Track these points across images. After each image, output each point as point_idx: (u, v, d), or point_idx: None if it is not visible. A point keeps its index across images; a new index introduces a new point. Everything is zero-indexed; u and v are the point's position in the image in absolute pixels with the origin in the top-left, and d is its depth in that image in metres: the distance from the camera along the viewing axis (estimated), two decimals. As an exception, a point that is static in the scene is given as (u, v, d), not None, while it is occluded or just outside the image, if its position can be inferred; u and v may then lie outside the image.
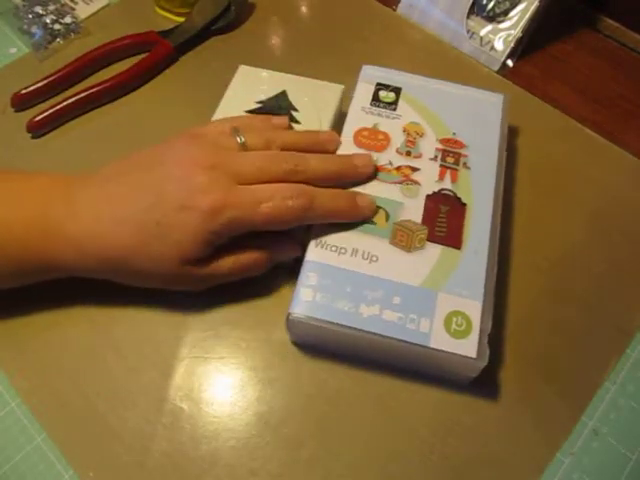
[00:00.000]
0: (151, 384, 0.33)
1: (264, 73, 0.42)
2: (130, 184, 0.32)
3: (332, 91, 0.41)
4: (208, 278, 0.33)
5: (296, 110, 0.40)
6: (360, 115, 0.39)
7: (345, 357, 0.34)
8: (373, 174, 0.36)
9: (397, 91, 0.40)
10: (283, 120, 0.38)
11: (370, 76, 0.41)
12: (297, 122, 0.39)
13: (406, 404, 0.33)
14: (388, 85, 0.41)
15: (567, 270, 0.38)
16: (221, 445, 0.32)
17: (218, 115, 0.39)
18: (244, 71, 0.42)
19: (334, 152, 0.37)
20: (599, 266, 0.38)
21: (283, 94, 0.40)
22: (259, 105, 0.40)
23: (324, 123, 0.39)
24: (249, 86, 0.41)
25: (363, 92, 0.40)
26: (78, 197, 0.32)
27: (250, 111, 0.40)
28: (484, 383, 0.34)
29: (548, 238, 0.39)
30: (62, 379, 0.34)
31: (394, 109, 0.39)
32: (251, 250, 0.34)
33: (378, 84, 0.41)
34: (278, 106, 0.40)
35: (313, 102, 0.40)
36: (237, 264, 0.33)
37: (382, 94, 0.40)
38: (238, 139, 0.34)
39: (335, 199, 0.34)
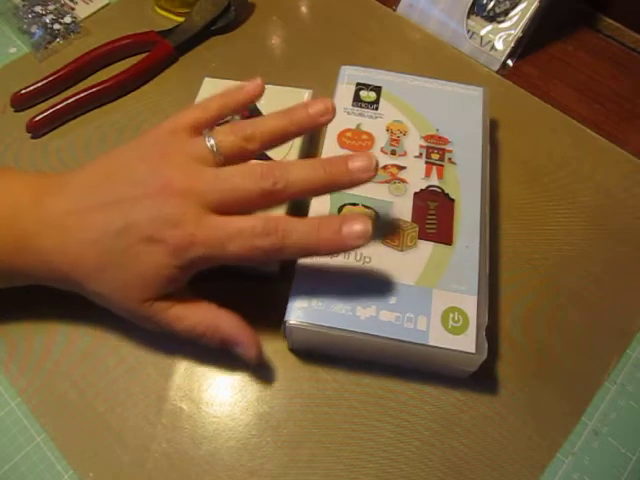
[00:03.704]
0: (151, 384, 0.33)
1: (230, 84, 0.41)
2: (101, 200, 0.30)
3: (301, 96, 0.41)
4: (163, 325, 0.31)
5: None
6: (342, 116, 0.39)
7: (349, 359, 0.34)
8: (373, 178, 0.31)
9: (377, 90, 0.40)
10: (257, 85, 0.34)
11: (350, 76, 0.41)
12: None
13: (406, 404, 0.33)
14: (368, 85, 0.41)
15: (566, 270, 0.38)
16: (221, 445, 0.32)
17: None
18: (209, 83, 0.42)
19: (330, 122, 0.33)
20: (599, 266, 0.38)
21: (252, 103, 0.40)
22: (228, 117, 0.39)
23: None
24: None
25: (344, 93, 0.40)
26: (49, 208, 0.30)
27: (219, 124, 0.38)
28: (484, 384, 0.34)
29: (547, 237, 0.39)
30: (62, 379, 0.34)
31: (376, 108, 0.39)
32: (208, 324, 0.31)
33: (358, 84, 0.41)
34: (249, 116, 0.39)
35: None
36: (191, 330, 0.31)
37: (363, 94, 0.40)
38: (209, 145, 0.31)
39: (314, 234, 0.29)
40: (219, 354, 0.34)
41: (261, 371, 0.34)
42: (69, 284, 0.31)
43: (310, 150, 0.41)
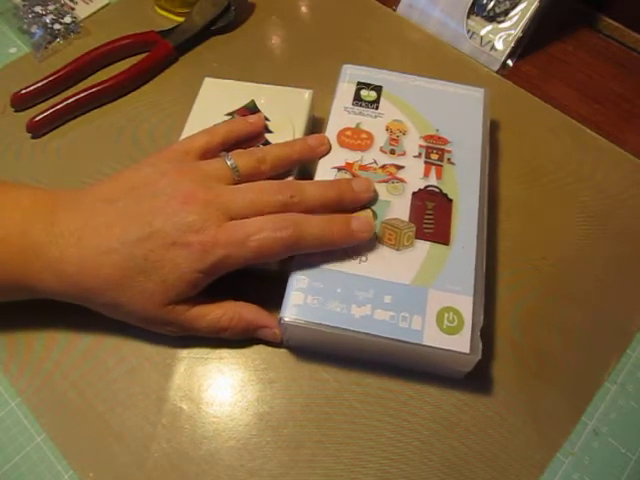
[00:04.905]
0: (151, 384, 0.33)
1: (230, 84, 0.42)
2: (119, 213, 0.31)
3: (301, 96, 0.41)
4: (185, 326, 0.32)
5: (267, 119, 0.39)
6: (342, 115, 0.39)
7: (344, 357, 0.34)
8: (374, 199, 0.35)
9: (378, 89, 0.40)
10: (259, 117, 0.38)
11: (351, 75, 0.41)
12: (270, 131, 0.39)
13: (406, 404, 0.33)
14: (369, 84, 0.41)
15: (566, 270, 0.38)
16: (221, 445, 0.32)
17: (187, 131, 0.39)
18: (210, 83, 0.42)
19: (326, 154, 0.37)
20: (599, 266, 0.38)
21: (252, 104, 0.40)
22: (229, 117, 0.39)
23: (297, 129, 0.39)
24: (216, 98, 0.41)
25: (344, 92, 0.40)
26: (62, 221, 0.31)
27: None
28: (484, 385, 0.34)
29: (547, 237, 0.39)
30: (62, 379, 0.34)
31: (376, 107, 0.40)
32: (232, 314, 0.33)
33: (359, 83, 0.41)
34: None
35: (283, 109, 0.40)
36: (216, 323, 0.32)
37: (363, 93, 0.40)
38: (229, 163, 0.33)
39: (327, 226, 0.32)
40: (219, 354, 0.34)
41: (261, 371, 0.34)
42: (78, 295, 0.31)
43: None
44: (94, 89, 0.45)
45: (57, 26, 0.49)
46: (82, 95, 0.44)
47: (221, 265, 0.31)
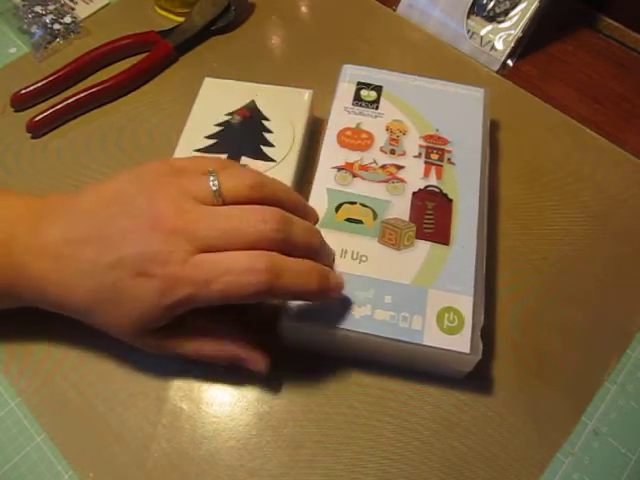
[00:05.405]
0: (151, 384, 0.33)
1: (230, 84, 0.42)
2: (97, 228, 0.30)
3: (301, 96, 0.41)
4: (168, 350, 0.32)
5: (267, 119, 0.39)
6: (343, 115, 0.39)
7: (345, 357, 0.34)
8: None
9: (378, 89, 0.40)
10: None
11: (351, 75, 0.41)
12: (270, 131, 0.39)
13: (406, 404, 0.33)
14: (369, 84, 0.41)
15: (566, 270, 0.38)
16: (221, 445, 0.32)
17: (187, 131, 0.39)
18: (210, 83, 0.42)
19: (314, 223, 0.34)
20: (599, 266, 0.38)
21: (252, 104, 0.40)
22: (228, 117, 0.40)
23: (297, 129, 0.39)
24: (216, 98, 0.41)
25: (345, 92, 0.40)
26: (44, 236, 0.30)
27: (220, 124, 0.39)
28: (484, 385, 0.34)
29: (547, 237, 0.39)
30: (62, 379, 0.34)
31: (376, 107, 0.40)
32: (215, 343, 0.31)
33: (359, 83, 0.41)
34: (249, 116, 0.40)
35: (283, 109, 0.40)
36: (199, 351, 0.31)
37: (363, 93, 0.40)
38: (212, 187, 0.30)
39: (305, 278, 0.29)
40: (219, 354, 0.34)
41: (261, 371, 0.34)
42: (63, 311, 0.31)
43: (310, 149, 0.41)
44: (94, 89, 0.45)
45: (57, 26, 0.49)
46: (82, 95, 0.44)
47: (186, 302, 0.28)
